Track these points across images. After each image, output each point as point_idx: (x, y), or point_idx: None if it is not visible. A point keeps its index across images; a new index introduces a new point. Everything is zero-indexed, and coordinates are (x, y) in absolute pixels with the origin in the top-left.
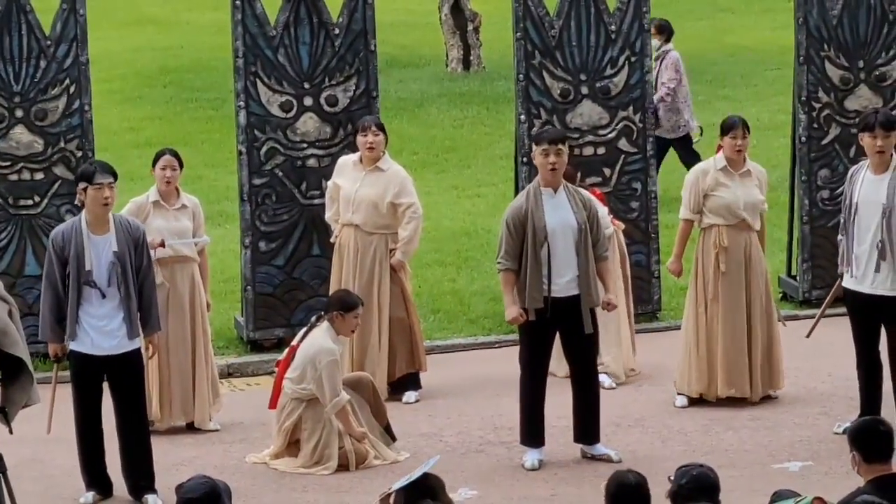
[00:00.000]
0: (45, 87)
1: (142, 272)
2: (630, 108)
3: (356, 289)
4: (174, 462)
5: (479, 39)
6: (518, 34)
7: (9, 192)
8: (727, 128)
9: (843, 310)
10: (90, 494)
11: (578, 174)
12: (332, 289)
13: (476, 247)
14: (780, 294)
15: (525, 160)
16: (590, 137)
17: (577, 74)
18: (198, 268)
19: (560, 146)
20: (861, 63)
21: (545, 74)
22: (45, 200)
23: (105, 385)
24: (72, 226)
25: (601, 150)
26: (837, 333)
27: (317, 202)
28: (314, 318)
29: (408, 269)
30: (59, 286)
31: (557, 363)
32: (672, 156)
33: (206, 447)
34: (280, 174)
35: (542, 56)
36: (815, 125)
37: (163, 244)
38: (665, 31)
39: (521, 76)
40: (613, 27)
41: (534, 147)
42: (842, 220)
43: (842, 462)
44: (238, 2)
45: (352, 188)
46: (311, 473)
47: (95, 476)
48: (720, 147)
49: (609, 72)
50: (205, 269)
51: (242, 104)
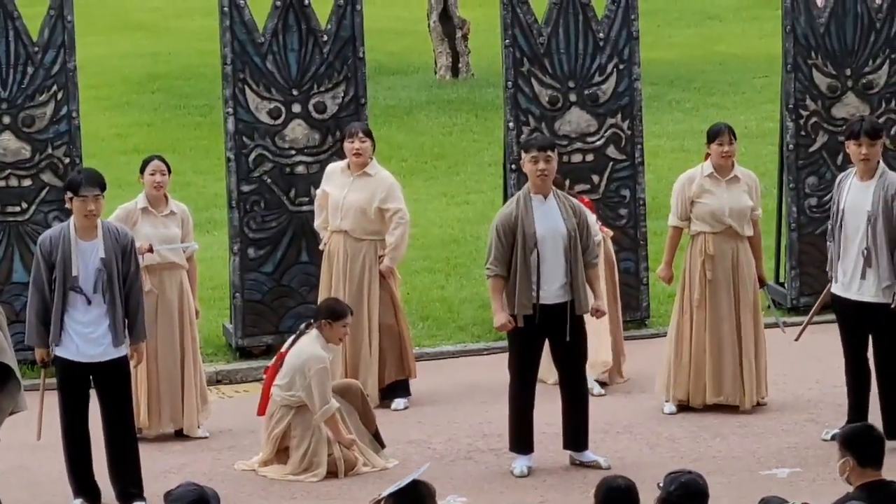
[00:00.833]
0: (33, 94)
1: (129, 279)
2: (618, 116)
3: (345, 295)
4: (163, 469)
5: (468, 46)
6: (506, 41)
7: None
8: (713, 135)
9: (832, 316)
10: (78, 501)
11: (567, 181)
12: (322, 296)
13: (465, 254)
14: (767, 303)
15: (514, 167)
16: (578, 145)
17: (566, 82)
18: (186, 274)
19: (549, 153)
20: (848, 71)
21: (534, 81)
22: (33, 207)
23: (92, 392)
24: (60, 231)
25: (589, 158)
26: (825, 340)
27: (305, 209)
28: (303, 326)
29: (397, 276)
30: (46, 291)
31: (548, 370)
32: (663, 161)
33: (195, 454)
34: (268, 181)
35: (531, 63)
36: (803, 133)
37: (150, 249)
38: None
39: (510, 83)
40: (602, 34)
41: (523, 154)
42: (829, 227)
43: (830, 469)
44: (226, 8)
45: (340, 194)
46: (300, 481)
47: (83, 483)
48: (708, 155)
49: (597, 79)
50: (193, 276)
51: (231, 111)
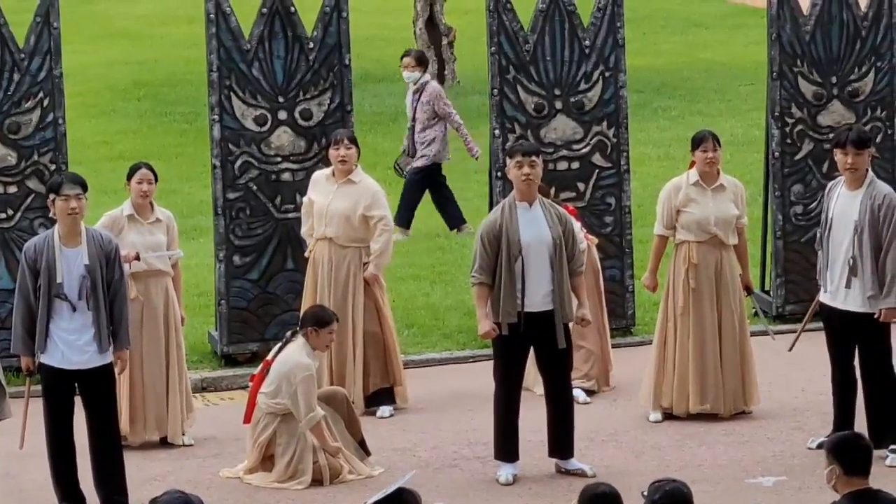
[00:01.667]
0: (19, 101)
1: (113, 286)
2: (604, 123)
3: (330, 303)
4: (148, 477)
5: (454, 54)
6: (492, 49)
7: None
8: (697, 141)
9: (818, 325)
10: None
11: (553, 189)
12: (306, 303)
13: (450, 261)
14: (754, 309)
15: (499, 174)
16: (564, 152)
17: (552, 89)
18: (171, 282)
19: (534, 158)
20: (834, 79)
21: (519, 89)
22: (19, 214)
23: (77, 399)
24: (44, 238)
25: (575, 165)
26: (811, 348)
27: (291, 216)
28: (289, 334)
29: (382, 283)
30: (32, 299)
31: (534, 380)
32: (649, 168)
33: (180, 462)
34: (254, 188)
35: (517, 71)
36: (789, 140)
37: (137, 257)
38: (424, 63)
39: (496, 91)
40: (587, 42)
41: (507, 160)
42: (818, 235)
43: (815, 477)
44: (212, 15)
45: (325, 202)
46: (285, 488)
47: (68, 491)
48: (693, 163)
49: (583, 86)
50: (178, 283)
51: (216, 118)
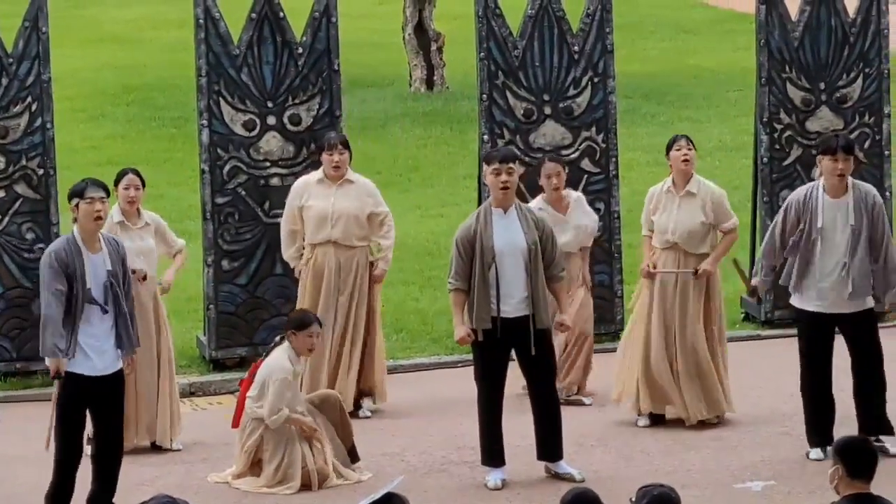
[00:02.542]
0: (7, 105)
1: (126, 289)
2: (593, 129)
3: (338, 307)
4: (136, 482)
5: (443, 59)
6: (481, 54)
7: None
8: (670, 143)
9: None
10: None
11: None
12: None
13: (439, 266)
14: (743, 314)
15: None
16: None
17: (541, 95)
18: (158, 286)
19: (511, 165)
20: (822, 85)
21: (508, 94)
22: (7, 218)
23: None
24: (66, 243)
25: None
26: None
27: (280, 221)
28: (277, 339)
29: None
30: (66, 303)
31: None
32: (638, 174)
33: (168, 467)
34: (243, 193)
35: (506, 76)
36: (777, 146)
37: (145, 277)
38: None
39: (485, 96)
40: (576, 48)
41: (485, 167)
42: (793, 242)
43: (804, 482)
44: (202, 20)
45: (326, 204)
46: (274, 493)
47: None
48: (672, 167)
49: (572, 92)
50: (180, 261)
51: (205, 123)
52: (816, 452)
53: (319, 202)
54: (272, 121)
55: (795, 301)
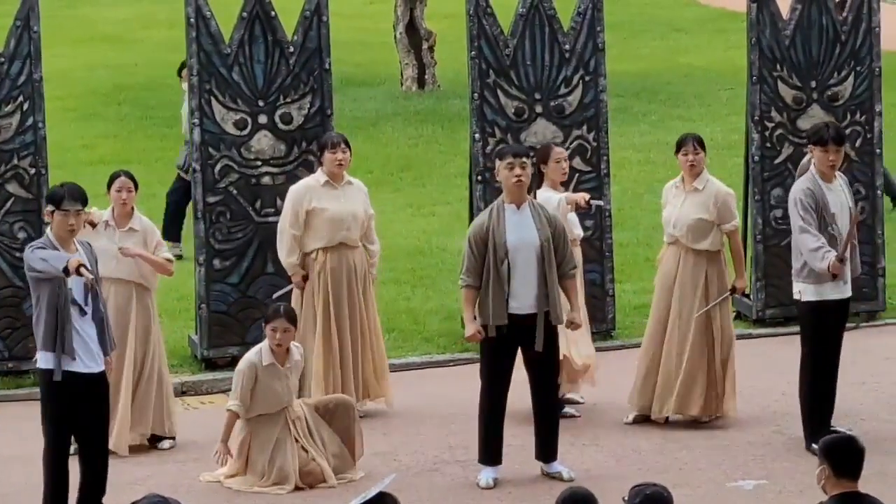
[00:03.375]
0: None
1: (100, 293)
2: (584, 127)
3: (347, 310)
4: (128, 481)
5: (434, 58)
6: (472, 53)
7: None
8: (678, 145)
9: (795, 327)
10: None
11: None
12: (321, 320)
13: (431, 265)
14: (734, 313)
15: (480, 179)
16: None
17: (532, 93)
18: (140, 290)
19: (524, 160)
20: (813, 83)
21: (500, 93)
22: None
23: None
24: (45, 244)
25: None
26: (791, 352)
27: (271, 220)
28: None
29: None
30: (58, 303)
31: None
32: (629, 173)
33: (160, 466)
34: (234, 192)
35: (497, 75)
36: (768, 144)
37: (94, 226)
38: None
39: (476, 95)
40: (567, 46)
41: (497, 162)
42: (819, 229)
43: (795, 481)
44: (193, 20)
45: (339, 206)
46: (266, 493)
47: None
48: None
49: (563, 91)
50: (159, 259)
51: (197, 122)
52: None
53: (332, 204)
54: (263, 120)
55: (809, 294)
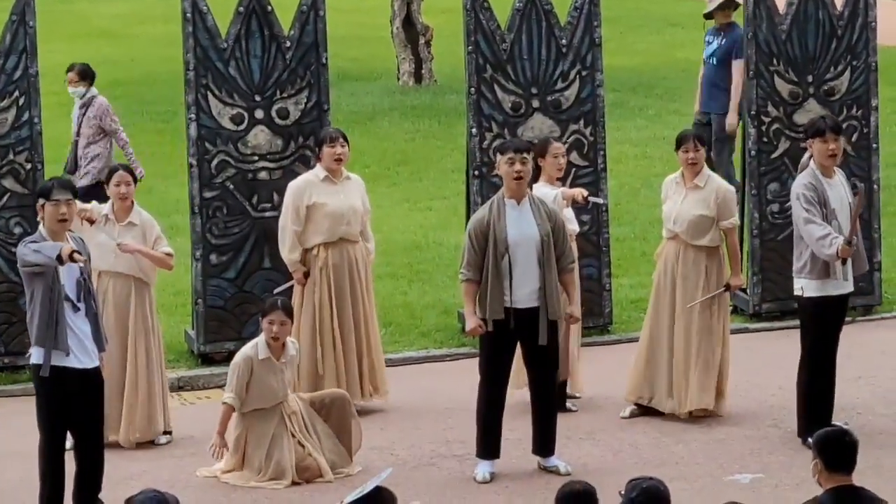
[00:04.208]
0: None
1: (92, 289)
2: (581, 122)
3: (350, 306)
4: (124, 476)
5: (431, 53)
6: (469, 48)
7: None
8: (679, 142)
9: (792, 322)
10: None
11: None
12: (323, 315)
13: (427, 260)
14: (731, 307)
15: (476, 173)
16: None
17: (529, 88)
18: (139, 284)
19: (525, 155)
20: (810, 77)
21: (496, 88)
22: None
23: None
24: (38, 240)
25: None
26: (787, 346)
27: (268, 215)
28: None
29: None
30: (51, 299)
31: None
32: (626, 167)
33: (157, 461)
34: (231, 187)
35: (494, 70)
36: (765, 139)
37: (92, 221)
38: (88, 77)
39: (473, 90)
40: (564, 41)
41: (498, 157)
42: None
43: (792, 474)
44: (189, 14)
45: (339, 201)
46: (263, 487)
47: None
48: None
49: (560, 85)
50: (158, 254)
51: (193, 117)
52: None
53: (332, 199)
54: (260, 115)
55: (812, 290)
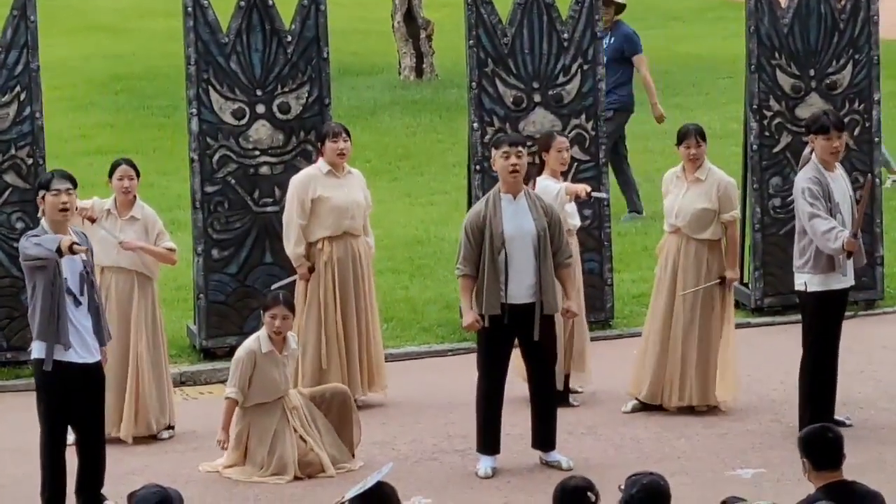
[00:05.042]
0: None
1: (95, 282)
2: (582, 116)
3: (353, 300)
4: (126, 471)
5: (432, 47)
6: (470, 42)
7: None
8: (680, 137)
9: (793, 316)
10: None
11: (530, 183)
12: (326, 310)
13: (429, 254)
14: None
15: (478, 168)
16: None
17: (530, 82)
18: (141, 279)
19: (520, 149)
20: (812, 71)
21: (498, 82)
22: None
23: None
24: (39, 234)
25: None
26: (788, 341)
27: (269, 210)
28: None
29: None
30: (53, 292)
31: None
32: (629, 161)
33: (159, 456)
34: (232, 182)
35: (495, 64)
36: (767, 133)
37: (93, 220)
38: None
39: (474, 84)
40: (566, 35)
41: (493, 151)
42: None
43: (794, 469)
44: (190, 9)
45: (343, 195)
46: (265, 482)
47: (59, 496)
48: None
49: (561, 79)
50: (160, 249)
51: (194, 111)
52: None
53: (336, 193)
54: (261, 109)
55: (815, 284)
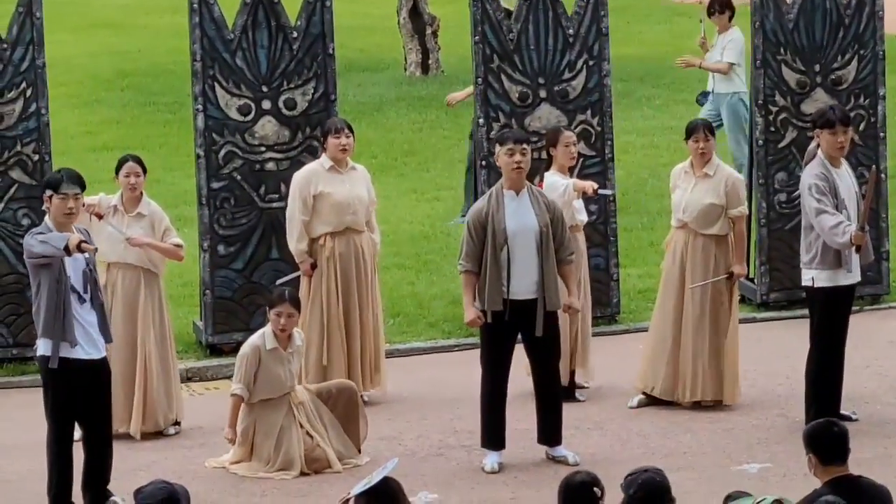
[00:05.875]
0: (2, 91)
1: (98, 280)
2: (588, 112)
3: (356, 296)
4: (133, 467)
5: (438, 43)
6: (476, 38)
7: None
8: (689, 132)
9: (799, 311)
10: None
11: (536, 178)
12: (329, 306)
13: (435, 250)
14: (738, 297)
15: (484, 164)
16: None
17: (536, 78)
18: (148, 275)
19: (524, 146)
20: (817, 67)
21: (503, 78)
22: (2, 204)
23: None
24: (44, 231)
25: None
26: (794, 336)
27: (275, 205)
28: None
29: None
30: (57, 290)
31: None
32: (633, 157)
33: (165, 452)
34: (238, 178)
35: (501, 60)
36: (772, 128)
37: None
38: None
39: (480, 80)
40: (571, 31)
41: (497, 148)
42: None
43: (800, 464)
44: (196, 5)
45: (345, 191)
46: (271, 478)
47: (66, 493)
48: None
49: (567, 75)
50: (167, 245)
51: (200, 108)
52: None
53: (338, 189)
54: (267, 105)
55: (823, 280)
